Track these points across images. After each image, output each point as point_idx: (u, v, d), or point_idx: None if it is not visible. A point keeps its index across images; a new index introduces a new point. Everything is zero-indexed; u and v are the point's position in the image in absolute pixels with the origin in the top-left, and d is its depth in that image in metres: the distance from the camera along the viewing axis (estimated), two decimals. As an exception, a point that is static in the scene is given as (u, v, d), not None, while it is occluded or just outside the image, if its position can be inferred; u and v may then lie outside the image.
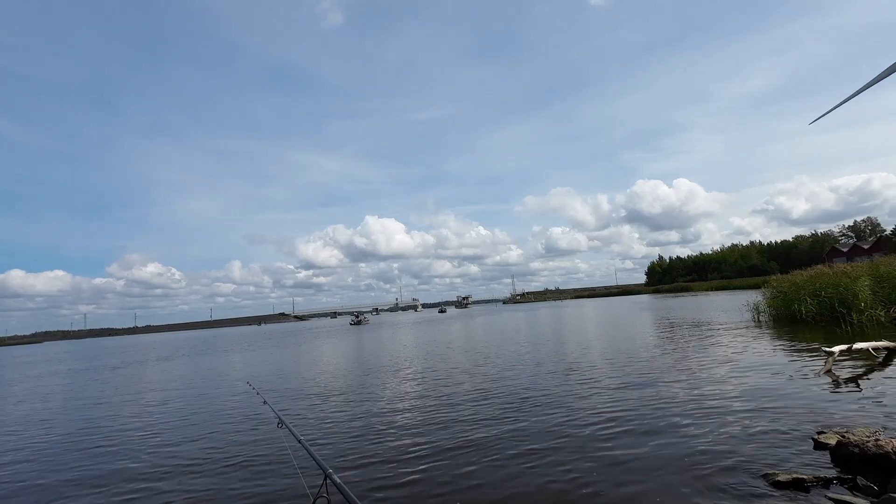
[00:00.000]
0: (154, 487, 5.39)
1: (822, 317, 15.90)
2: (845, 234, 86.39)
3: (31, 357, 45.56)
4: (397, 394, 9.86)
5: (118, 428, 8.81)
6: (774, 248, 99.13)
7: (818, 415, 5.92)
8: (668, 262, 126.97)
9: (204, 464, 6.08)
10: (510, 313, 56.70)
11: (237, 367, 18.88)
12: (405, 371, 13.22)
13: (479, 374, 11.54)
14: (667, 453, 5.03)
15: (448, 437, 6.35)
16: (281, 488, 4.98)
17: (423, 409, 8.22)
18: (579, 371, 10.62)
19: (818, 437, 4.94)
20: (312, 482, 4.24)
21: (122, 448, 7.30)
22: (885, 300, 15.09)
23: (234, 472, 5.68)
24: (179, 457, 6.51)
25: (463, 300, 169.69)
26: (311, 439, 6.68)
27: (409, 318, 71.72)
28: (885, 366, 8.74)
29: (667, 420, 6.25)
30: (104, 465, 6.49)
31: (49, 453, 7.40)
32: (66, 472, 6.34)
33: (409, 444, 6.15)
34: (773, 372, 8.77)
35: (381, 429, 7.07)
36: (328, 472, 2.40)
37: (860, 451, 4.11)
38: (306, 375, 14.27)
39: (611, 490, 4.26)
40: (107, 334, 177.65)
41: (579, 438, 5.79)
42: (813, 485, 3.95)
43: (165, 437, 7.72)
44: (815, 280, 17.19)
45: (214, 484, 5.32)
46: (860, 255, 56.91)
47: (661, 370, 9.90)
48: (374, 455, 5.84)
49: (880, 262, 17.50)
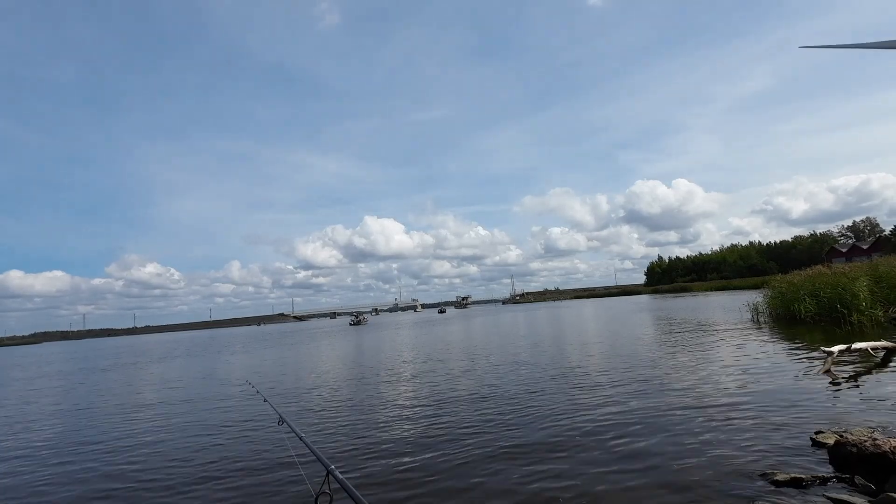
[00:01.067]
0: (156, 485, 5.39)
1: (821, 317, 15.92)
2: (844, 235, 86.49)
3: (24, 358, 45.50)
4: (397, 393, 9.87)
5: (116, 427, 8.80)
6: (774, 248, 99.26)
7: (816, 414, 5.93)
8: (667, 262, 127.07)
9: (205, 461, 6.08)
10: (510, 314, 56.71)
11: (236, 368, 18.87)
12: (404, 371, 13.23)
13: (477, 374, 11.55)
14: (664, 453, 5.03)
15: (447, 434, 6.36)
16: (283, 484, 5.00)
17: (424, 407, 8.23)
18: (577, 372, 10.63)
19: (816, 436, 4.95)
20: (314, 478, 4.26)
21: (122, 446, 7.29)
22: (884, 300, 15.12)
23: (235, 468, 5.69)
24: (180, 455, 6.50)
25: (462, 300, 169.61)
26: (312, 436, 6.70)
27: (408, 319, 71.72)
28: (883, 365, 8.76)
29: (665, 419, 6.26)
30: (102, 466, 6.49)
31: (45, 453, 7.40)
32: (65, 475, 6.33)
33: (410, 441, 6.18)
34: (772, 372, 8.79)
35: (382, 426, 7.10)
36: (330, 467, 2.40)
37: (858, 450, 4.12)
38: (305, 375, 14.28)
39: (609, 489, 4.27)
40: (106, 335, 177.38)
41: (578, 438, 5.79)
42: (811, 484, 3.96)
43: (166, 436, 7.70)
44: (814, 280, 17.22)
45: (217, 481, 5.33)
46: (859, 255, 56.99)
47: (660, 370, 9.91)
48: (375, 451, 5.88)
49: (879, 263, 17.56)
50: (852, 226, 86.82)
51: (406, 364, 14.96)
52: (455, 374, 11.89)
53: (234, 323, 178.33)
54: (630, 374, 9.67)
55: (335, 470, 2.35)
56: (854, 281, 15.44)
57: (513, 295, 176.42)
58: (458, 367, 13.16)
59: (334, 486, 2.30)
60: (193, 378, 16.20)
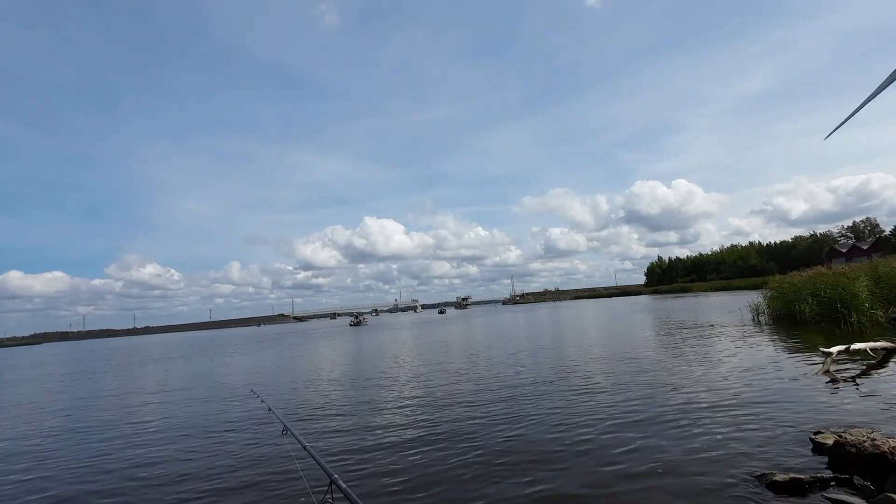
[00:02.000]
0: (158, 495, 5.34)
1: (821, 317, 15.92)
2: (844, 235, 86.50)
3: (23, 359, 45.46)
4: (399, 397, 9.84)
5: (118, 435, 8.80)
6: (773, 248, 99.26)
7: (816, 415, 5.94)
8: (667, 262, 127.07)
9: (206, 471, 5.96)
10: (510, 314, 56.70)
11: (237, 371, 18.88)
12: (404, 375, 13.21)
13: (478, 378, 11.52)
14: (664, 453, 5.04)
15: (448, 440, 6.34)
16: (286, 494, 4.87)
17: (426, 412, 8.19)
18: (578, 373, 10.64)
19: (815, 437, 4.96)
20: (317, 487, 4.23)
21: (123, 454, 7.27)
22: (884, 300, 15.13)
23: (239, 477, 5.56)
24: (181, 464, 6.44)
25: (462, 301, 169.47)
26: (316, 444, 6.59)
27: (408, 320, 71.69)
28: (882, 366, 8.77)
29: (664, 420, 6.27)
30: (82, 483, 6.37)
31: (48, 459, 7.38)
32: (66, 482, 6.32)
33: (413, 449, 6.07)
34: (771, 372, 8.80)
35: (385, 433, 7.00)
36: (333, 476, 2.42)
37: (857, 451, 4.13)
38: (305, 379, 14.28)
39: (607, 489, 4.28)
40: (106, 335, 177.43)
41: (576, 438, 5.80)
42: (810, 485, 3.97)
43: (168, 444, 7.55)
44: (814, 281, 17.22)
45: (218, 490, 5.23)
46: (859, 255, 57.00)
47: (659, 370, 9.92)
48: (379, 460, 5.73)
49: (879, 263, 17.55)
50: (852, 226, 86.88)
51: (406, 368, 14.96)
52: (456, 377, 11.88)
53: (235, 324, 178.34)
54: (629, 375, 9.67)
55: (339, 479, 2.38)
56: (854, 281, 15.44)
57: (513, 295, 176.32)
58: (458, 369, 13.16)
59: (337, 495, 2.31)
60: (193, 381, 16.19)
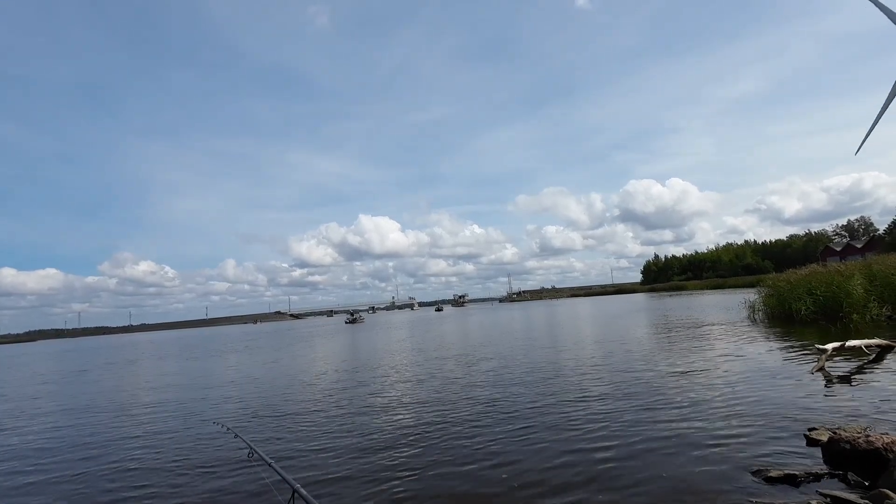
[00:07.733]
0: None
1: (816, 315, 16.00)
2: (839, 234, 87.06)
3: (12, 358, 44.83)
4: (383, 402, 9.24)
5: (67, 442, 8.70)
6: (769, 247, 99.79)
7: (810, 411, 5.95)
8: (663, 261, 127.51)
9: (165, 480, 5.44)
10: (506, 312, 56.78)
11: (219, 375, 18.77)
12: (394, 376, 12.91)
13: (472, 379, 11.42)
14: (658, 450, 5.04)
15: (430, 445, 6.07)
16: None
17: (408, 416, 7.91)
18: (574, 371, 10.65)
19: (810, 433, 4.97)
20: (280, 499, 4.05)
21: (74, 466, 6.39)
22: (878, 298, 15.21)
23: (199, 490, 5.04)
24: (133, 481, 5.53)
25: (459, 299, 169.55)
26: (284, 453, 6.04)
27: (405, 318, 71.60)
28: (876, 363, 8.81)
29: (658, 416, 6.27)
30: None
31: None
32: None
33: (388, 456, 5.63)
34: (766, 369, 8.82)
35: (360, 441, 6.37)
36: (296, 486, 2.50)
37: (851, 447, 4.13)
38: (291, 382, 14.16)
39: (605, 487, 4.26)
40: (101, 333, 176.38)
41: (574, 438, 5.80)
42: (804, 480, 3.97)
43: (125, 459, 6.48)
44: (809, 279, 17.29)
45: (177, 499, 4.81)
46: (853, 254, 57.35)
47: (655, 367, 9.94)
48: (349, 468, 5.29)
49: (873, 261, 17.64)
50: (847, 225, 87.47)
51: (398, 368, 14.86)
52: (448, 380, 11.72)
53: (231, 321, 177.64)
54: (625, 372, 9.68)
55: (301, 488, 2.46)
56: (848, 279, 15.53)
57: (510, 293, 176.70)
58: (451, 372, 13.04)
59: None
60: (170, 384, 16.07)
